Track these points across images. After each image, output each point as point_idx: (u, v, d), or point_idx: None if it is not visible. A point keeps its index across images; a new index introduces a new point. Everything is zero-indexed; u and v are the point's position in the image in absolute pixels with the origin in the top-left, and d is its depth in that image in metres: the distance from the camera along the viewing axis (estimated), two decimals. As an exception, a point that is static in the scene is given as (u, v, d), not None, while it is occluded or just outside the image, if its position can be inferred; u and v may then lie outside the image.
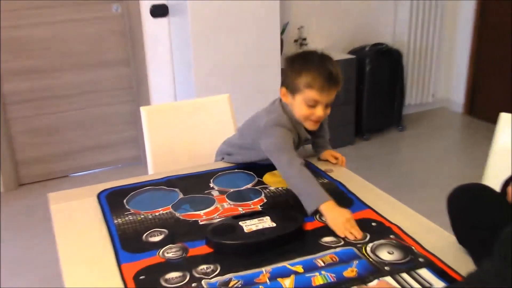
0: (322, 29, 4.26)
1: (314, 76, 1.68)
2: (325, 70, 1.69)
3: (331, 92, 1.71)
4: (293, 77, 1.73)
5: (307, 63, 1.72)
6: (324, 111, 1.74)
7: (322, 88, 1.68)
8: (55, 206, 1.69)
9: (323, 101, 1.71)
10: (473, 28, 4.65)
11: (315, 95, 1.69)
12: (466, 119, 4.83)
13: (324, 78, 1.68)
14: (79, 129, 3.74)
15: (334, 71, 1.70)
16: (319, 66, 1.70)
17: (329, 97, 1.71)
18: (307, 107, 1.72)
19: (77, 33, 3.54)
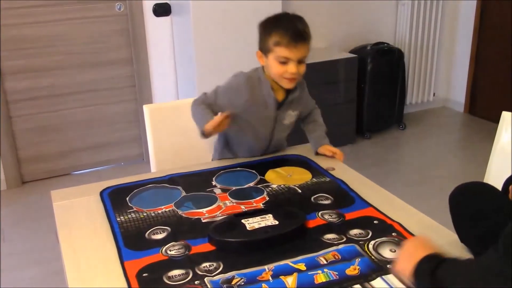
0: (323, 28, 4.26)
1: (281, 34, 1.76)
2: (291, 27, 1.77)
3: (300, 48, 1.77)
4: (264, 38, 1.82)
5: (275, 23, 1.81)
6: (297, 68, 1.79)
7: (289, 44, 1.75)
8: (58, 204, 1.70)
9: (293, 57, 1.77)
10: (473, 27, 4.65)
11: (285, 52, 1.76)
12: (467, 118, 4.84)
13: (291, 34, 1.75)
14: (82, 127, 3.75)
15: (301, 27, 1.78)
16: (287, 24, 1.78)
17: (299, 53, 1.77)
18: (280, 64, 1.79)
19: (80, 32, 3.54)
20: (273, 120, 1.93)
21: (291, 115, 1.97)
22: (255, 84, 1.88)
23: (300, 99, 1.97)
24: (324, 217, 1.54)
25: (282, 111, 1.93)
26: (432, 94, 4.87)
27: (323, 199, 1.66)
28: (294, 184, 1.76)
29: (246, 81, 1.88)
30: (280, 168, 1.89)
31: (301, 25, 1.79)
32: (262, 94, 1.88)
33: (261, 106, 1.89)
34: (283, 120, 1.96)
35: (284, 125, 1.98)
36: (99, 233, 1.51)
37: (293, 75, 1.79)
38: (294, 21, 1.80)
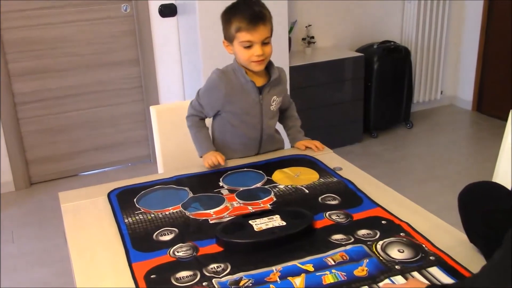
0: (330, 27, 4.25)
1: (240, 19, 1.81)
2: (248, 11, 1.81)
3: (260, 29, 1.80)
4: (226, 26, 1.87)
5: (233, 10, 1.85)
6: (263, 49, 1.82)
7: (248, 27, 1.79)
8: (66, 205, 1.71)
9: (256, 39, 1.81)
10: (481, 24, 4.62)
11: (246, 36, 1.80)
12: (474, 116, 4.81)
13: (249, 18, 1.79)
14: (89, 128, 3.76)
15: (257, 9, 1.82)
16: (243, 9, 1.82)
17: (260, 34, 1.81)
18: (245, 49, 1.83)
19: (86, 33, 3.55)
20: (258, 106, 1.94)
21: (276, 100, 1.99)
22: (231, 76, 1.92)
23: (281, 82, 2.00)
24: (332, 217, 1.54)
25: (266, 95, 1.95)
26: (439, 92, 4.84)
27: (330, 200, 1.65)
28: (302, 184, 1.76)
29: (221, 75, 1.92)
30: (287, 168, 1.89)
31: (257, 7, 1.83)
32: (240, 83, 1.91)
33: (242, 94, 1.92)
34: (270, 106, 1.97)
35: (272, 112, 1.99)
36: (107, 235, 1.51)
37: (260, 57, 1.83)
38: (250, 5, 1.83)
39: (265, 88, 1.94)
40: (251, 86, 1.91)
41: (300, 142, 2.08)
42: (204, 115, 2.01)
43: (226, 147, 2.02)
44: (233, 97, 1.91)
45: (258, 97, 1.93)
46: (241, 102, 1.93)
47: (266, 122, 1.99)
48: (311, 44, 4.09)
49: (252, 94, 1.92)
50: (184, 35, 3.64)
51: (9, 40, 3.37)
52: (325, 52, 4.12)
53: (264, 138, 2.02)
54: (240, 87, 1.91)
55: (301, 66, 3.77)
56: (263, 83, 1.94)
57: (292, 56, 3.83)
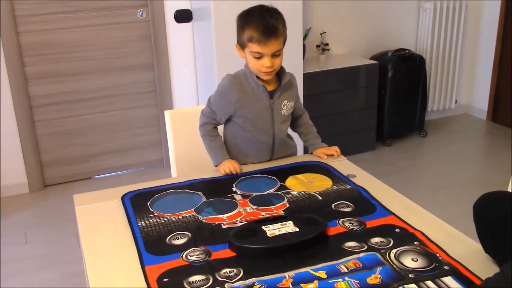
0: (344, 34, 4.25)
1: (252, 29, 1.80)
2: (261, 23, 1.79)
3: (271, 43, 1.80)
4: (239, 33, 1.87)
5: (248, 18, 1.84)
6: (272, 61, 1.83)
7: (260, 40, 1.79)
8: (80, 208, 1.72)
9: (266, 52, 1.81)
10: (497, 33, 4.59)
11: (257, 48, 1.81)
12: (489, 125, 4.77)
13: (261, 30, 1.78)
14: (103, 131, 3.79)
15: (271, 23, 1.80)
16: (258, 19, 1.80)
17: (270, 48, 1.81)
18: (255, 59, 1.84)
19: (102, 38, 3.59)
20: (269, 110, 1.95)
21: (287, 105, 1.99)
22: (242, 80, 1.92)
23: (292, 86, 2.00)
24: (345, 224, 1.53)
25: (277, 99, 1.95)
26: (454, 101, 4.82)
27: (344, 207, 1.65)
28: (315, 191, 1.76)
29: (233, 80, 1.93)
30: (300, 174, 1.88)
31: (272, 20, 1.81)
32: (251, 88, 1.92)
33: (253, 98, 1.92)
34: (281, 110, 1.97)
35: (283, 116, 1.99)
36: (120, 237, 1.52)
37: (269, 68, 1.84)
38: (265, 16, 1.81)
39: (276, 93, 1.94)
40: (262, 91, 1.92)
41: (319, 150, 2.07)
42: (217, 122, 2.01)
43: (238, 152, 2.03)
44: (245, 101, 1.92)
45: (269, 102, 1.94)
46: (252, 107, 1.93)
47: (278, 127, 1.99)
48: (326, 51, 4.09)
49: (263, 99, 1.93)
50: (199, 41, 3.66)
51: (26, 44, 3.42)
52: (340, 59, 4.12)
53: (277, 143, 2.02)
54: (252, 91, 1.92)
55: (315, 73, 3.78)
56: (274, 87, 1.95)
57: (306, 63, 3.84)
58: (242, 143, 2.01)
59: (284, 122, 2.02)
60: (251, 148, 2.02)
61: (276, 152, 2.04)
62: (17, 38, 3.36)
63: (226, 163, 1.93)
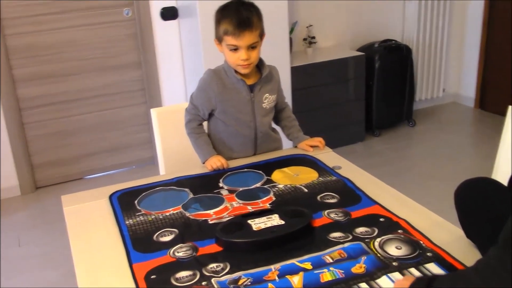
0: (330, 27, 4.26)
1: (227, 22, 1.82)
2: (235, 16, 1.81)
3: (246, 36, 1.81)
4: (216, 27, 1.88)
5: (223, 12, 1.86)
6: (248, 54, 1.84)
7: (234, 32, 1.81)
8: (68, 208, 1.73)
9: (241, 44, 1.82)
10: (482, 21, 4.62)
11: (232, 40, 1.83)
12: (477, 113, 4.80)
13: (235, 23, 1.80)
14: (94, 132, 3.79)
15: (245, 15, 1.82)
16: (232, 13, 1.83)
17: (245, 40, 1.82)
18: (231, 52, 1.86)
19: (89, 38, 3.59)
20: (250, 104, 1.96)
21: (269, 98, 2.00)
22: (223, 75, 1.95)
23: (273, 79, 2.02)
24: (330, 215, 1.55)
25: (258, 93, 1.97)
26: (441, 90, 4.84)
27: (329, 198, 1.66)
28: (301, 183, 1.77)
29: (213, 74, 1.95)
30: (286, 168, 1.90)
31: (246, 13, 1.83)
32: (231, 82, 1.94)
33: (233, 92, 1.94)
34: (262, 104, 1.99)
35: (265, 109, 2.01)
36: (108, 236, 1.53)
37: (245, 61, 1.85)
38: (240, 9, 1.84)
39: (256, 86, 1.96)
40: (242, 85, 1.94)
41: (303, 143, 2.09)
42: (201, 118, 2.03)
43: (222, 146, 2.04)
44: (225, 95, 1.94)
45: (250, 95, 1.95)
46: (233, 101, 1.95)
47: (260, 120, 2.00)
48: (312, 44, 4.11)
49: (243, 92, 1.95)
50: (186, 38, 3.67)
51: (13, 46, 3.41)
52: (327, 52, 4.13)
53: (259, 135, 2.03)
54: (231, 85, 1.94)
55: (303, 66, 3.79)
56: (254, 81, 1.96)
57: (293, 57, 3.85)
58: (226, 137, 2.03)
59: (266, 115, 2.03)
60: (235, 142, 2.03)
61: (260, 146, 2.06)
62: (3, 41, 3.35)
63: (213, 159, 1.95)
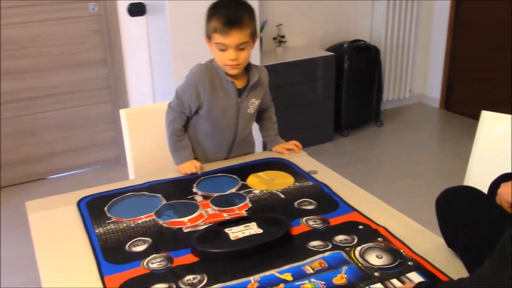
0: (300, 26, 4.24)
1: (217, 19, 1.75)
2: (225, 13, 1.74)
3: (234, 34, 1.74)
4: (206, 24, 1.81)
5: (214, 9, 1.78)
6: (237, 54, 1.77)
7: (222, 30, 1.73)
8: (34, 216, 1.64)
9: (229, 44, 1.75)
10: (448, 23, 4.68)
11: (220, 38, 1.75)
12: (442, 113, 4.88)
13: (224, 21, 1.73)
14: (58, 130, 3.66)
15: (235, 12, 1.74)
16: (223, 10, 1.75)
17: (234, 40, 1.74)
18: (220, 51, 1.78)
19: (54, 33, 3.45)
20: (236, 108, 1.90)
21: (254, 103, 1.95)
22: (213, 73, 1.87)
23: (262, 85, 1.95)
24: (309, 223, 1.52)
25: (245, 98, 1.91)
26: (408, 90, 4.89)
27: (306, 204, 1.63)
28: (277, 189, 1.73)
29: (204, 69, 1.87)
30: (262, 172, 1.86)
31: (236, 10, 1.75)
32: (221, 82, 1.87)
33: (222, 92, 1.87)
34: (247, 109, 1.93)
35: (249, 114, 1.95)
36: (77, 246, 1.45)
37: (233, 61, 1.78)
38: (231, 6, 1.77)
39: (244, 92, 1.89)
40: (231, 87, 1.87)
41: (278, 146, 2.05)
42: (186, 116, 1.93)
43: (196, 145, 1.98)
44: (214, 94, 1.87)
45: (237, 100, 1.89)
46: (221, 101, 1.88)
47: (242, 125, 1.95)
48: (282, 43, 4.07)
49: (231, 95, 1.88)
50: (154, 35, 3.58)
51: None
52: (296, 51, 4.11)
53: (237, 140, 1.98)
54: (221, 85, 1.87)
55: (272, 65, 3.74)
56: (243, 85, 1.89)
57: (263, 56, 3.80)
58: (202, 137, 1.97)
59: (249, 121, 1.99)
60: (210, 143, 1.98)
61: (234, 150, 2.01)
62: (-40, 35, 3.20)
63: (187, 163, 1.89)
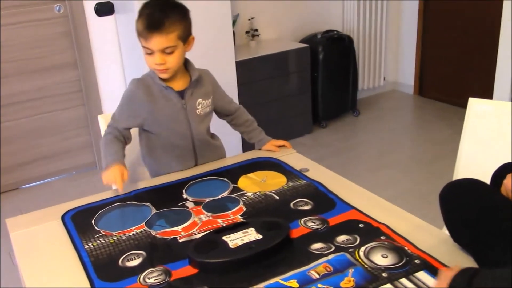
0: (272, 19, 4.18)
1: (139, 22, 1.66)
2: (147, 16, 1.65)
3: (155, 39, 1.64)
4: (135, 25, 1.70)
5: (141, 10, 1.69)
6: (163, 58, 1.68)
7: (143, 33, 1.65)
8: (16, 234, 1.55)
9: (153, 47, 1.66)
10: (418, 10, 4.69)
11: (144, 42, 1.67)
12: (417, 99, 4.90)
13: (146, 24, 1.64)
14: (29, 138, 3.52)
15: (156, 17, 1.64)
16: (147, 11, 1.66)
17: (155, 44, 1.65)
18: (147, 55, 1.69)
19: (18, 37, 3.31)
20: (183, 111, 1.81)
21: (203, 104, 1.85)
22: (149, 83, 1.79)
23: (204, 83, 1.86)
24: (307, 224, 1.47)
25: (189, 99, 1.82)
26: (382, 78, 4.90)
27: (303, 205, 1.58)
28: (270, 190, 1.68)
29: (138, 83, 1.79)
30: (252, 173, 1.80)
31: (159, 14, 1.65)
32: (159, 89, 1.78)
33: (163, 100, 1.79)
34: (195, 110, 1.84)
35: (199, 116, 1.85)
36: (66, 265, 1.37)
37: (160, 66, 1.69)
38: (155, 8, 1.67)
39: (187, 92, 1.81)
40: (170, 92, 1.78)
41: (268, 144, 1.99)
42: (119, 134, 1.80)
43: (159, 163, 1.88)
44: (155, 104, 1.78)
45: (181, 102, 1.80)
46: (164, 109, 1.79)
47: (195, 127, 1.85)
48: (255, 37, 4.01)
49: (173, 99, 1.79)
50: (124, 35, 3.47)
51: None
52: (270, 44, 4.05)
53: (197, 144, 1.88)
54: (160, 93, 1.78)
55: (247, 60, 3.69)
56: (185, 86, 1.81)
57: (237, 51, 3.73)
58: (161, 152, 1.86)
59: (202, 122, 1.88)
60: (172, 155, 1.87)
61: (200, 155, 1.90)
62: None
63: (108, 171, 1.69)
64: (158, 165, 1.89)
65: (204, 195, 1.67)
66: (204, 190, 1.71)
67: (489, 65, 4.02)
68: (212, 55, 3.37)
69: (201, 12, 3.25)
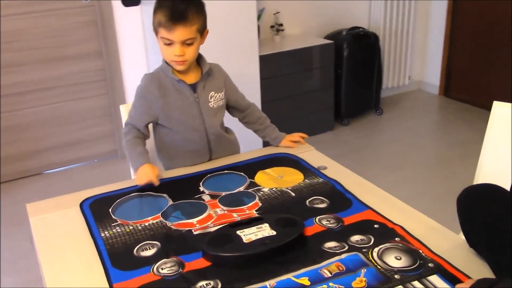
0: (298, 14, 4.16)
1: (161, 13, 1.67)
2: (170, 7, 1.66)
3: (179, 30, 1.67)
4: (153, 17, 1.72)
5: (161, 2, 1.71)
6: (183, 50, 1.70)
7: (166, 25, 1.66)
8: (35, 219, 1.58)
9: (174, 39, 1.68)
10: (447, 9, 4.62)
11: (165, 33, 1.68)
12: (441, 100, 4.84)
13: (169, 15, 1.65)
14: (53, 125, 3.58)
15: (179, 8, 1.66)
16: (168, 4, 1.68)
17: (178, 35, 1.67)
18: (165, 46, 1.72)
19: (44, 26, 3.36)
20: (196, 104, 1.82)
21: (215, 97, 1.86)
22: (161, 77, 1.80)
23: (215, 76, 1.87)
24: (322, 222, 1.47)
25: (202, 92, 1.83)
26: (407, 77, 4.84)
27: (318, 203, 1.58)
28: (287, 186, 1.68)
29: (151, 77, 1.81)
30: (269, 169, 1.80)
31: (181, 6, 1.67)
32: (171, 83, 1.80)
33: (175, 93, 1.80)
34: (208, 103, 1.84)
35: (213, 109, 1.86)
36: (82, 252, 1.39)
37: (179, 57, 1.71)
38: (177, 1, 1.68)
39: (199, 85, 1.82)
40: (183, 85, 1.79)
41: (285, 140, 1.98)
42: (137, 131, 1.83)
43: (174, 158, 1.89)
44: (167, 98, 1.79)
45: (193, 95, 1.81)
46: (176, 103, 1.80)
47: (209, 121, 1.85)
48: (280, 31, 4.00)
49: (186, 92, 1.80)
50: (149, 26, 3.47)
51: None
52: (295, 39, 4.03)
53: (212, 138, 1.88)
54: (172, 87, 1.79)
55: (271, 55, 3.68)
56: (196, 79, 1.82)
57: (261, 45, 3.73)
58: (176, 147, 1.87)
59: (215, 116, 1.88)
60: (186, 150, 1.87)
61: (215, 149, 1.90)
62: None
63: (140, 172, 1.71)
64: (173, 160, 1.90)
65: (221, 189, 1.68)
66: (221, 184, 1.72)
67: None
68: (236, 49, 3.37)
69: (226, 5, 3.26)
